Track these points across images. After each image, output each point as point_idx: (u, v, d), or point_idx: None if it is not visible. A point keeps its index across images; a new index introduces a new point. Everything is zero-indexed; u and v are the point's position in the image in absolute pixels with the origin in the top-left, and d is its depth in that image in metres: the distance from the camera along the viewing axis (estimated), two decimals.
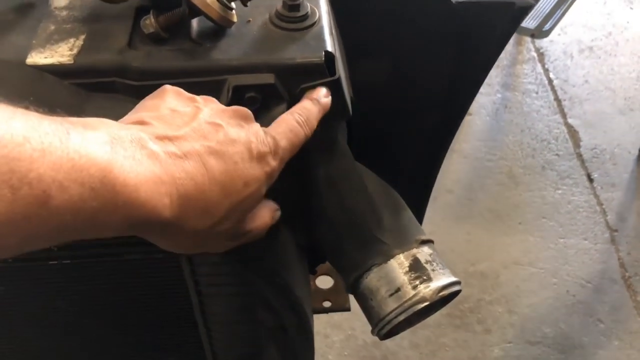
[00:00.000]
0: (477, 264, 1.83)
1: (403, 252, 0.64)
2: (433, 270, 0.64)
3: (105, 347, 0.90)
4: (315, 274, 1.01)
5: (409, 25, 0.70)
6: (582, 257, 1.86)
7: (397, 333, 0.68)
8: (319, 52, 0.55)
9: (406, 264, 0.63)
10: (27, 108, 0.39)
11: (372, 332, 0.66)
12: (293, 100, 0.55)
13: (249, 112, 0.50)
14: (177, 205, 0.42)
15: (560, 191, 2.04)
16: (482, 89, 2.63)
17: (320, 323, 1.65)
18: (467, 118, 2.25)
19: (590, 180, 2.07)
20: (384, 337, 0.66)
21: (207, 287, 0.79)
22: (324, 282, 1.03)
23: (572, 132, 2.23)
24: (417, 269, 0.63)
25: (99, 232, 0.41)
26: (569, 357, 1.63)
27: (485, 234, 1.91)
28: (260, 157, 0.48)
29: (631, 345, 1.66)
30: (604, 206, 1.99)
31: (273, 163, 0.50)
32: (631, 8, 2.67)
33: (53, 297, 0.78)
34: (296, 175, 0.64)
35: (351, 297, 1.02)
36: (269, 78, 0.53)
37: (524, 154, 2.17)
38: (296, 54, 0.55)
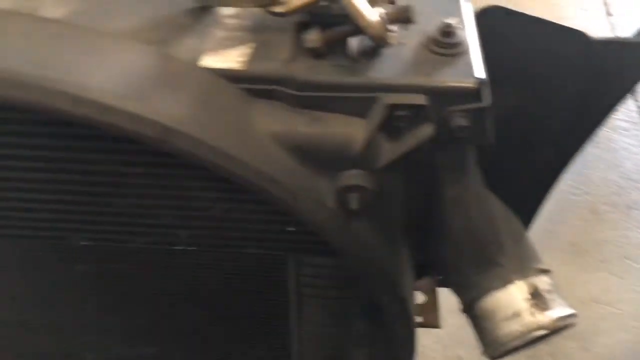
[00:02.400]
0: None
1: (523, 279, 0.66)
2: (552, 299, 0.65)
3: (197, 333, 0.94)
4: None
5: (545, 58, 0.71)
6: None
7: (504, 356, 0.69)
8: (471, 77, 0.57)
9: (526, 290, 0.65)
10: None
11: (483, 353, 0.68)
12: (440, 122, 0.58)
13: None
14: None
15: None
16: None
17: None
18: None
19: None
20: (494, 358, 0.67)
21: (309, 288, 0.82)
22: (416, 298, 1.05)
23: None
24: (536, 296, 0.65)
25: None
26: None
27: (564, 267, 1.88)
28: None
29: None
30: None
31: None
32: None
33: (161, 281, 0.83)
34: (426, 193, 0.67)
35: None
36: (420, 99, 0.56)
37: (610, 191, 2.12)
38: (448, 78, 0.57)
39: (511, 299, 0.65)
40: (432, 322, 1.01)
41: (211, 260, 0.78)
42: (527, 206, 0.91)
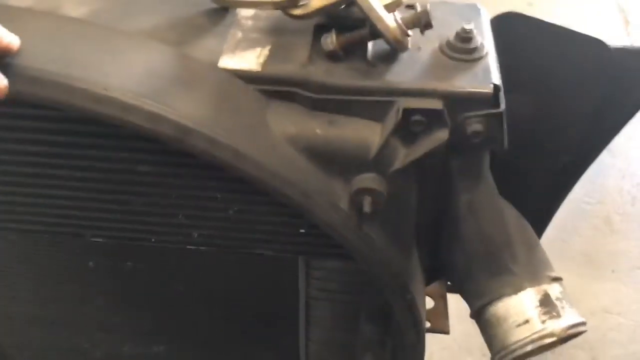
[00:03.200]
0: None
1: (534, 287, 0.66)
2: (562, 307, 0.65)
3: (205, 333, 0.94)
4: None
5: (564, 65, 0.71)
6: None
7: None
8: (487, 83, 0.58)
9: (537, 298, 0.65)
10: None
11: (492, 358, 0.68)
12: (455, 127, 0.58)
13: None
14: None
15: None
16: None
17: None
18: None
19: None
20: None
21: (318, 291, 0.82)
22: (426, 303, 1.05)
23: None
24: (547, 304, 0.65)
25: None
26: None
27: (575, 277, 1.87)
28: None
29: None
30: None
31: None
32: None
33: (172, 281, 0.83)
34: (439, 198, 0.67)
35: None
36: (437, 104, 0.56)
37: (624, 200, 2.10)
38: (465, 83, 0.58)
39: (522, 306, 0.65)
40: (441, 328, 1.01)
41: (223, 260, 0.79)
42: (541, 213, 0.91)
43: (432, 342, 1.71)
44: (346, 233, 0.59)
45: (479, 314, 0.68)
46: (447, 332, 1.01)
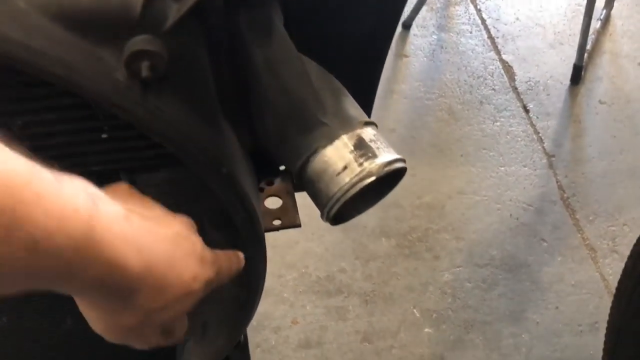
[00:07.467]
0: (423, 197, 1.86)
1: (347, 133, 0.64)
2: (378, 148, 0.64)
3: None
4: (263, 193, 1.01)
5: None
6: (523, 182, 1.92)
7: (345, 219, 0.68)
8: None
9: (351, 143, 0.63)
10: None
11: (322, 216, 0.66)
12: None
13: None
14: (142, 268, 0.45)
15: (498, 123, 2.09)
16: (417, 31, 2.61)
17: (274, 264, 1.65)
18: (404, 60, 2.26)
19: (527, 111, 2.13)
20: (333, 220, 0.66)
21: None
22: (273, 203, 1.03)
23: (507, 68, 2.28)
24: (361, 147, 0.63)
25: (68, 284, 0.42)
26: (516, 276, 1.69)
27: (429, 168, 1.94)
28: (204, 263, 0.53)
29: (572, 260, 1.73)
30: (540, 134, 2.06)
31: (212, 275, 0.54)
32: None
33: None
34: (238, 64, 0.63)
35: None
36: None
37: (462, 90, 2.20)
38: None
39: (338, 153, 0.63)
40: (292, 222, 0.99)
41: None
42: (363, 85, 0.90)
43: (306, 257, 1.72)
44: (127, 105, 0.53)
45: (301, 176, 0.66)
46: (298, 225, 0.99)
